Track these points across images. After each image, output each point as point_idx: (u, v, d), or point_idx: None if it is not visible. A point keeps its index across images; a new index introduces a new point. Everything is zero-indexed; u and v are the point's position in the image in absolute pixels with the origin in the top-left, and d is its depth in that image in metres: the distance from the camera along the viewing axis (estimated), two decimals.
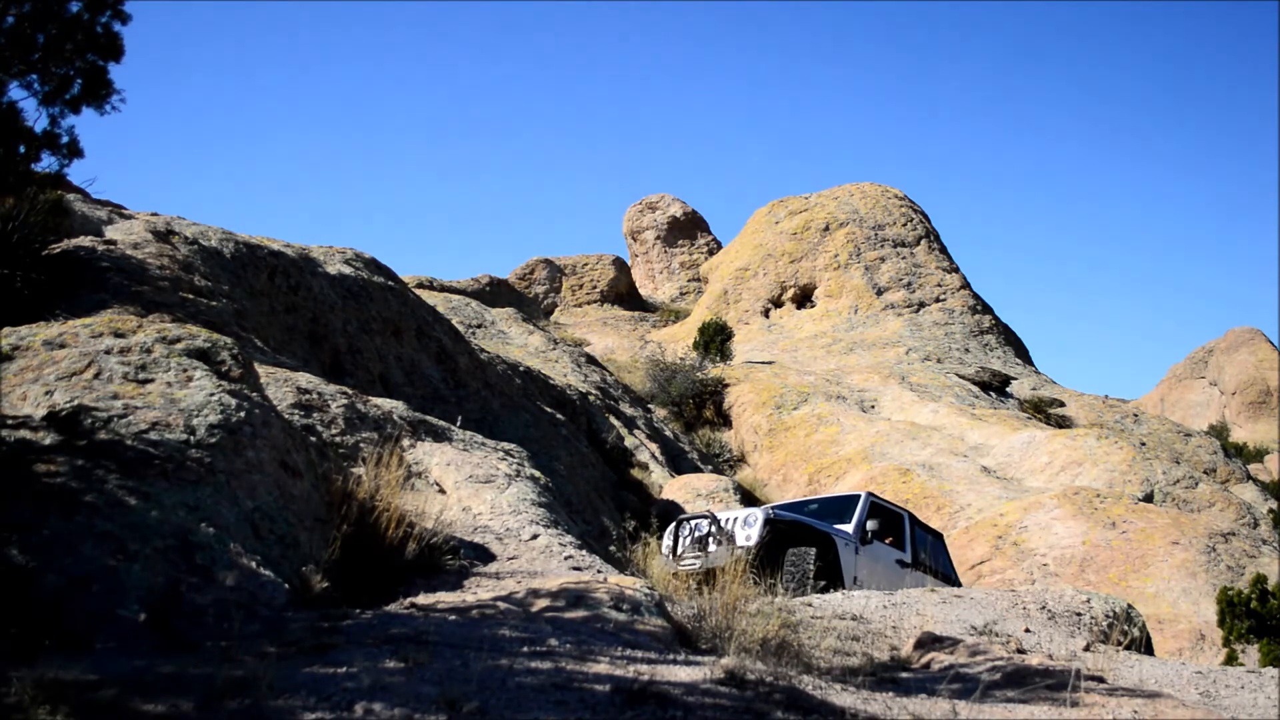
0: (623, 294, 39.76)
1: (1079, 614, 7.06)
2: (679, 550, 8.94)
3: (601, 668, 3.44)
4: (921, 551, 10.44)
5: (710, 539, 8.76)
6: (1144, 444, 20.58)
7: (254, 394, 5.57)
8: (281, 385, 7.41)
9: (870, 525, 9.67)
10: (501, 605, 4.41)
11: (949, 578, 10.81)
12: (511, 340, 20.71)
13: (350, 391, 8.12)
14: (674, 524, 9.36)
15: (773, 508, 9.90)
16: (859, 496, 10.24)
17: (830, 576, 8.70)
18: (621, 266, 41.16)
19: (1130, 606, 7.63)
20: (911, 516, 10.53)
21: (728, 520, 8.92)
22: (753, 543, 8.39)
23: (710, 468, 19.07)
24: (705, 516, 9.12)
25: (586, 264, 40.39)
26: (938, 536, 11.15)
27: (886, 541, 9.84)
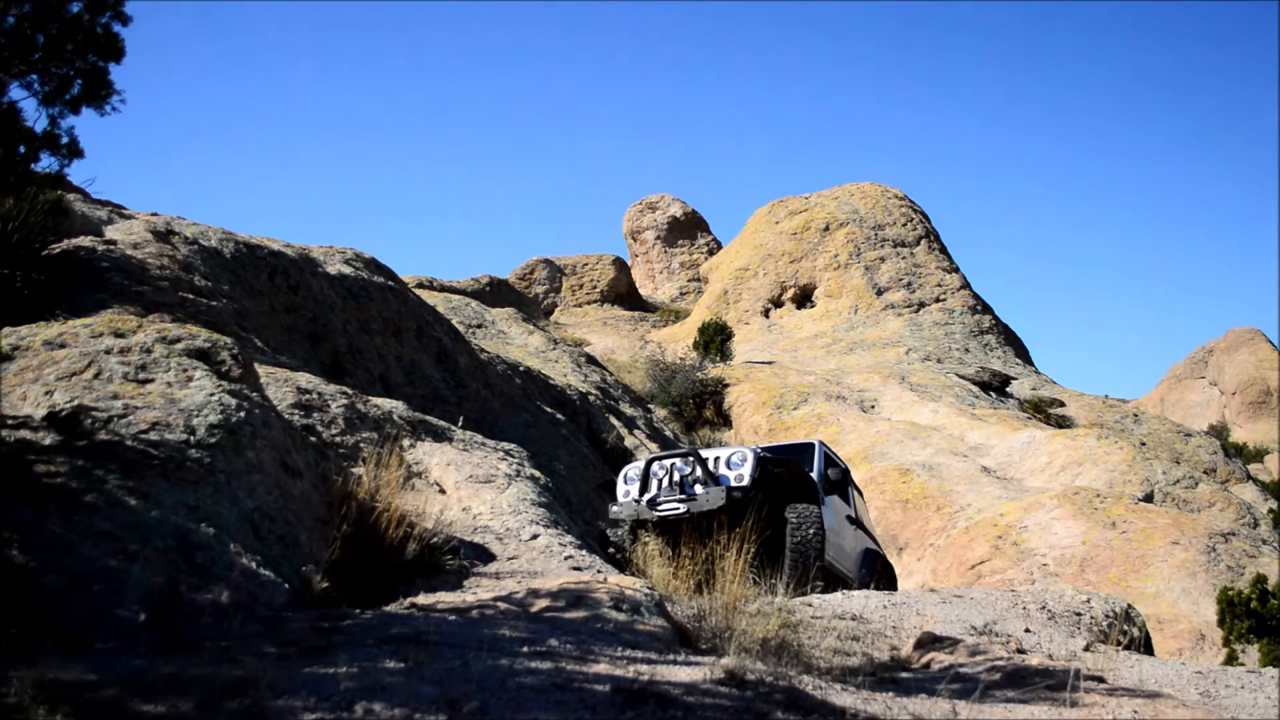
0: (623, 294, 39.76)
1: (1079, 614, 7.06)
2: (653, 494, 7.81)
3: (601, 668, 3.44)
4: (857, 507, 9.91)
5: (693, 480, 7.71)
6: (1144, 444, 20.59)
7: (254, 394, 5.57)
8: (281, 385, 7.41)
9: (832, 474, 8.96)
10: (501, 605, 4.41)
11: (876, 538, 10.46)
12: (511, 340, 20.71)
13: (350, 391, 8.12)
14: (643, 463, 8.20)
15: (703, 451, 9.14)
16: (813, 445, 9.37)
17: None
18: (621, 266, 41.16)
19: (1130, 606, 7.63)
20: (848, 469, 9.88)
21: (710, 460, 7.89)
22: (745, 483, 7.52)
23: None
24: (686, 454, 7.97)
25: (586, 264, 40.39)
26: (859, 492, 10.72)
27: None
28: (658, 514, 7.63)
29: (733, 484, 7.61)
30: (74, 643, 3.41)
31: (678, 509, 7.58)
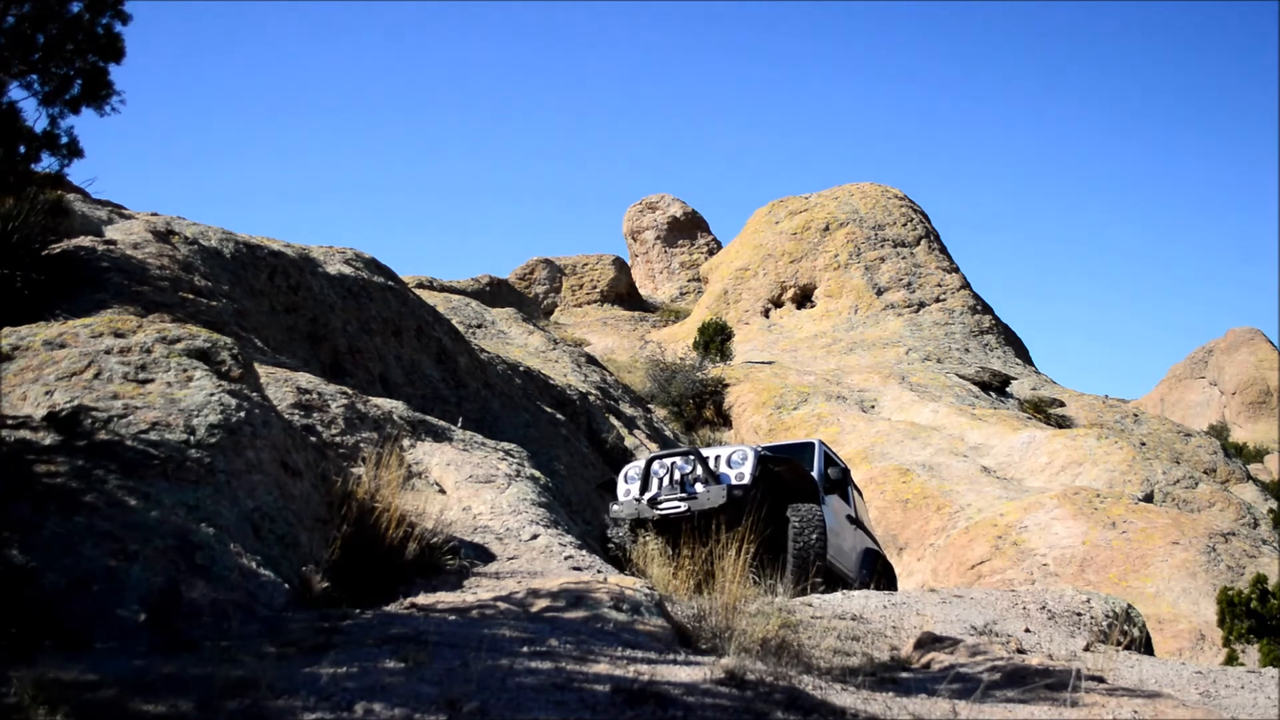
0: (623, 294, 39.77)
1: (1079, 614, 7.05)
2: (654, 493, 7.82)
3: (601, 668, 3.44)
4: (857, 506, 9.88)
5: (694, 479, 7.71)
6: (1144, 444, 20.59)
7: (254, 394, 5.57)
8: (281, 385, 7.41)
9: (832, 473, 8.95)
10: (501, 605, 4.41)
11: (875, 538, 10.43)
12: (511, 340, 20.70)
13: (350, 391, 8.11)
14: (643, 462, 8.21)
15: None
16: (813, 444, 9.37)
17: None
18: (621, 266, 41.17)
19: (1130, 606, 7.63)
20: (848, 469, 9.87)
21: (710, 458, 7.90)
22: (746, 481, 7.56)
23: None
24: (687, 453, 8.01)
25: (586, 264, 40.40)
26: (859, 491, 10.72)
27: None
28: (659, 513, 7.62)
29: (733, 482, 7.61)
30: (74, 643, 3.41)
31: (679, 507, 7.58)
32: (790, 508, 7.78)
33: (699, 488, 7.70)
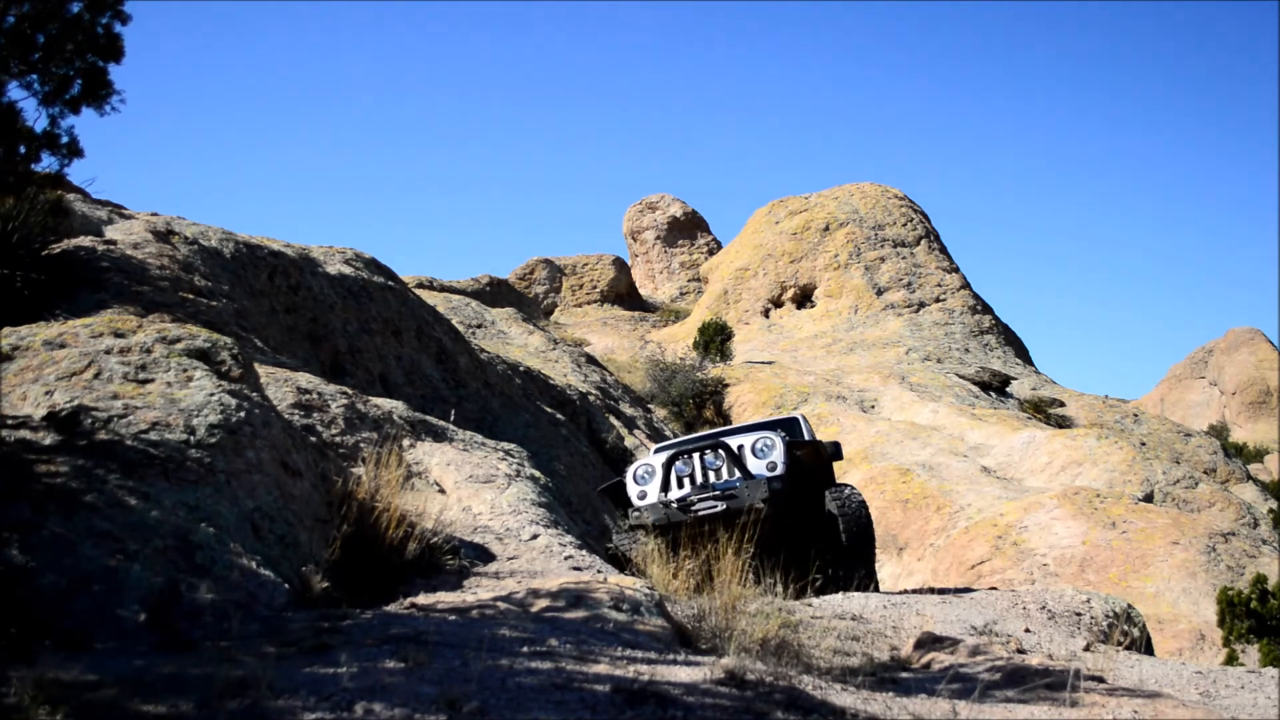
0: (623, 294, 39.78)
1: (1079, 614, 7.05)
2: (684, 493, 7.26)
3: (601, 668, 3.44)
4: None
5: (722, 474, 7.24)
6: (1144, 444, 20.59)
7: (254, 394, 5.57)
8: (281, 385, 7.41)
9: (829, 449, 8.58)
10: (501, 605, 4.41)
11: None
12: (511, 340, 20.69)
13: (350, 391, 8.11)
14: (658, 460, 7.61)
15: (690, 439, 8.16)
16: (796, 419, 9.00)
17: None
18: (621, 266, 41.18)
19: (1130, 606, 7.62)
20: (839, 444, 9.99)
21: (734, 447, 7.34)
22: (780, 472, 7.09)
23: None
24: (713, 446, 7.32)
25: (586, 264, 40.41)
26: None
27: None
28: (694, 515, 7.08)
29: (769, 475, 7.17)
30: (74, 643, 3.41)
31: (716, 507, 7.04)
32: (828, 492, 7.43)
33: (736, 485, 7.18)
